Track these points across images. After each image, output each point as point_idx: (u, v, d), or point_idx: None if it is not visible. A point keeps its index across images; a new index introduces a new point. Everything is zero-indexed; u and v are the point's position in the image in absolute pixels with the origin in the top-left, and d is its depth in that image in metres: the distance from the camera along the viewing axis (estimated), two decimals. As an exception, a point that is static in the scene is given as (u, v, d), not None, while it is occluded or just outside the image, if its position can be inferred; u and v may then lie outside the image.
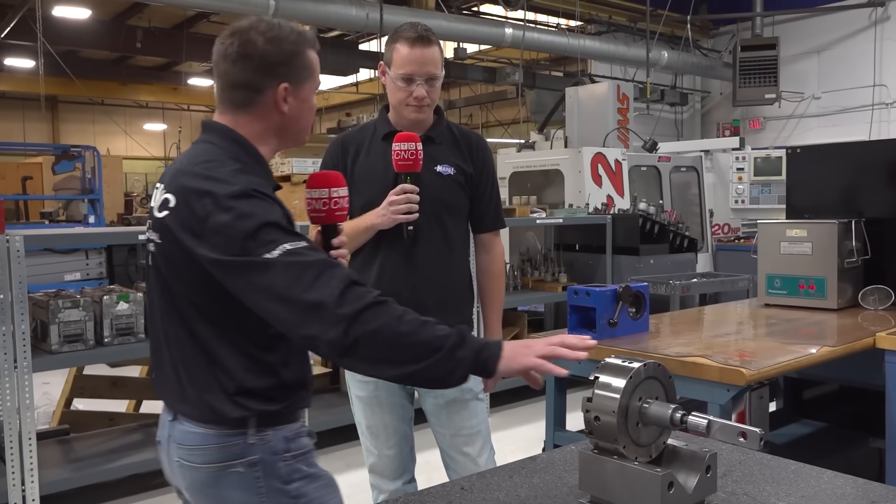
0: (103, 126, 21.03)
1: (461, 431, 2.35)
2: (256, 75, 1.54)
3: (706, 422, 1.20)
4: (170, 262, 1.51)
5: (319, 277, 1.35)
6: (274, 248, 1.36)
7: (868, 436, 3.26)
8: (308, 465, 1.57)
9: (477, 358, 1.37)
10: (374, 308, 1.35)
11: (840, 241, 3.10)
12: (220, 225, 1.39)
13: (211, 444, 1.51)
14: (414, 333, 1.36)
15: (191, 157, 1.56)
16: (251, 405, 1.50)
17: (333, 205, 1.66)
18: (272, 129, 1.58)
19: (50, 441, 4.06)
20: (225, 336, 1.50)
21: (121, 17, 13.84)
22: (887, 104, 10.19)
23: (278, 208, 1.46)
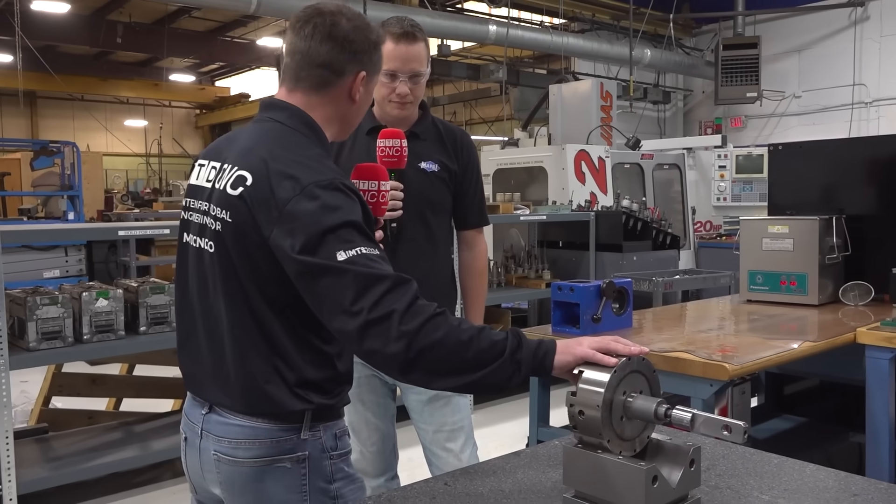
0: (83, 122, 20.80)
1: (444, 427, 2.34)
2: (342, 57, 1.51)
3: (690, 415, 1.19)
4: (238, 242, 1.43)
5: (390, 292, 1.31)
6: (350, 249, 1.32)
7: (848, 430, 3.29)
8: (348, 466, 1.55)
9: (535, 357, 1.33)
10: (435, 319, 1.31)
11: (821, 238, 3.12)
12: (301, 213, 1.34)
13: (262, 437, 1.45)
14: (475, 341, 1.32)
15: (262, 134, 1.50)
16: (312, 397, 1.45)
17: (381, 198, 1.66)
18: (339, 116, 1.56)
19: (28, 440, 4.00)
20: (288, 323, 1.44)
21: (101, 11, 13.69)
22: (866, 103, 10.31)
23: (360, 207, 1.41)
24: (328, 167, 1.43)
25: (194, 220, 1.53)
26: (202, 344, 1.52)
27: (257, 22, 14.65)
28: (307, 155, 1.43)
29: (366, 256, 1.33)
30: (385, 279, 1.32)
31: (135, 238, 7.27)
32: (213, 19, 15.17)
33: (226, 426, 1.48)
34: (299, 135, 1.49)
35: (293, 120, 1.51)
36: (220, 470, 1.49)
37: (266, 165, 1.41)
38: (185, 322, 1.58)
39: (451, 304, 2.45)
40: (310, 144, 1.47)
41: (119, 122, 21.76)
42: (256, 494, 1.47)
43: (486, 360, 1.31)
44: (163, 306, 3.69)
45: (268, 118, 1.53)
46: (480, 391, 1.41)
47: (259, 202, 1.39)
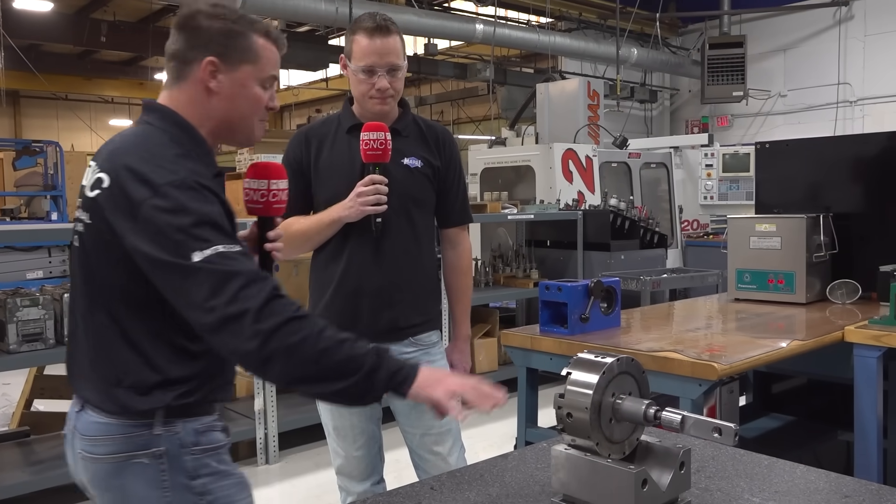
0: (67, 121, 20.62)
1: (431, 430, 2.31)
2: (186, 45, 1.50)
3: (680, 417, 1.17)
4: (98, 244, 1.45)
5: (245, 288, 1.32)
6: (206, 248, 1.33)
7: (836, 429, 3.29)
8: (218, 462, 1.52)
9: (391, 380, 1.36)
10: (294, 322, 1.33)
11: (808, 236, 3.12)
12: (154, 214, 1.35)
13: (114, 433, 1.46)
14: (333, 351, 1.34)
15: (129, 137, 1.51)
16: (163, 396, 1.45)
17: (272, 197, 1.61)
18: (207, 112, 1.53)
19: (9, 443, 3.95)
20: (150, 323, 1.45)
21: (84, 10, 13.57)
22: (851, 102, 10.36)
23: (218, 204, 1.41)
24: (184, 167, 1.41)
25: (76, 222, 1.55)
26: (79, 341, 1.54)
27: (243, 21, 14.55)
28: (164, 156, 1.42)
29: (222, 255, 1.34)
30: (240, 275, 1.33)
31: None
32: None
33: (87, 423, 1.49)
34: (165, 135, 1.48)
35: (164, 121, 1.51)
36: (87, 467, 1.51)
37: (122, 168, 1.41)
38: (70, 322, 1.60)
39: (437, 302, 2.43)
40: (171, 145, 1.46)
41: (104, 122, 21.58)
42: (119, 491, 1.48)
43: (341, 372, 1.34)
44: (146, 307, 3.64)
45: (143, 121, 1.54)
46: (333, 402, 1.46)
47: (114, 204, 1.40)
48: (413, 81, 15.94)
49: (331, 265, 2.28)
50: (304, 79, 16.87)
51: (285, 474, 4.19)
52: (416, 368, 1.39)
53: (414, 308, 2.31)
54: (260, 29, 1.54)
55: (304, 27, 11.64)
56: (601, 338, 2.46)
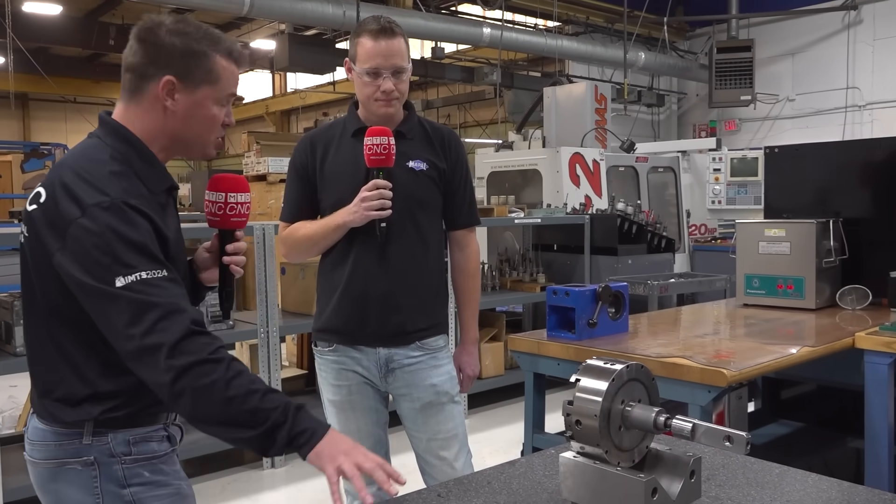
0: (75, 124, 20.68)
1: (437, 435, 2.30)
2: (144, 61, 1.48)
3: (691, 425, 1.16)
4: (34, 258, 1.46)
5: (162, 320, 1.34)
6: (129, 274, 1.35)
7: (846, 435, 3.27)
8: (152, 472, 1.52)
9: (291, 442, 1.37)
10: (206, 365, 1.34)
11: (818, 241, 3.09)
12: (82, 236, 1.36)
13: (48, 440, 1.49)
14: (240, 400, 1.35)
15: (76, 152, 1.51)
16: (90, 409, 1.47)
17: (229, 210, 1.60)
18: (161, 129, 1.51)
19: (15, 446, 3.94)
20: (81, 336, 1.46)
21: (93, 13, 13.64)
22: (860, 106, 10.31)
23: (148, 226, 1.41)
24: (116, 186, 1.40)
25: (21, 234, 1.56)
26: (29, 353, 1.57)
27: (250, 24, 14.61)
28: (98, 173, 1.41)
29: (144, 282, 1.35)
30: (158, 307, 1.35)
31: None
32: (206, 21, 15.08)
33: (31, 429, 1.54)
34: (106, 151, 1.47)
35: (110, 136, 1.50)
36: (31, 471, 1.55)
37: (58, 184, 1.41)
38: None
39: (443, 306, 2.41)
40: (110, 162, 1.45)
41: (112, 125, 21.66)
42: (54, 495, 1.52)
43: (244, 423, 1.35)
44: (153, 310, 3.63)
45: (94, 134, 1.53)
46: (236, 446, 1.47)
47: (47, 220, 1.41)
48: (420, 85, 15.95)
49: (337, 270, 2.27)
50: (311, 82, 16.91)
51: (291, 478, 4.18)
52: (322, 433, 1.39)
53: (420, 312, 2.30)
54: (223, 49, 1.52)
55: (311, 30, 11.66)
56: (609, 343, 2.44)
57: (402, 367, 2.26)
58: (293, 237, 2.31)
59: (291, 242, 2.32)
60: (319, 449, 1.38)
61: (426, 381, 2.27)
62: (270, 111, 20.52)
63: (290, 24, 9.62)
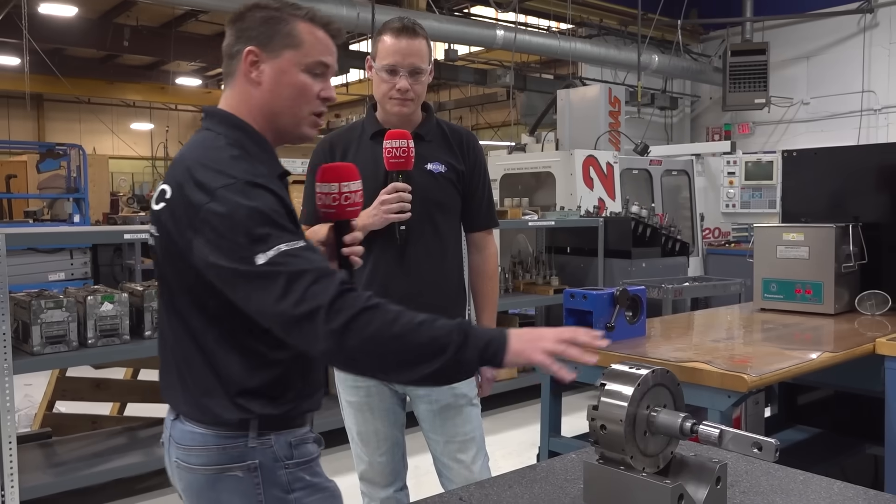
0: (90, 125, 20.86)
1: (455, 438, 2.29)
2: (232, 39, 1.48)
3: (718, 432, 1.15)
4: (167, 257, 1.43)
5: (312, 286, 1.29)
6: (269, 249, 1.30)
7: (864, 442, 3.23)
8: (311, 475, 1.50)
9: (482, 357, 1.31)
10: (364, 314, 1.28)
11: (837, 246, 3.06)
12: (212, 219, 1.32)
13: (209, 444, 1.43)
14: (411, 336, 1.29)
15: (191, 145, 1.49)
16: (253, 407, 1.42)
17: (344, 200, 1.58)
18: (254, 106, 1.49)
19: (31, 444, 3.97)
20: (228, 333, 1.42)
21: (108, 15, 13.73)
22: (875, 110, 10.24)
23: (278, 202, 1.38)
24: (238, 168, 1.38)
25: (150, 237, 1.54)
26: (168, 355, 1.52)
27: (264, 26, 14.65)
28: (219, 159, 1.40)
29: (285, 254, 1.31)
30: (306, 273, 1.30)
31: (140, 241, 7.24)
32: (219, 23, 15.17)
33: (183, 433, 1.48)
34: (221, 138, 1.46)
35: (220, 125, 1.49)
36: (181, 477, 1.49)
37: (182, 176, 1.39)
38: (158, 334, 1.60)
39: (461, 307, 2.41)
40: (227, 148, 1.43)
41: (125, 126, 21.81)
42: (213, 503, 1.46)
43: (425, 356, 1.29)
44: (168, 311, 3.65)
45: (203, 127, 1.52)
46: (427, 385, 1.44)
47: (177, 214, 1.38)
48: (433, 87, 15.94)
49: (356, 272, 2.27)
50: (323, 84, 16.93)
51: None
52: (506, 338, 1.32)
53: (440, 314, 2.28)
54: (303, 14, 1.49)
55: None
56: (626, 347, 2.43)
57: (420, 370, 2.26)
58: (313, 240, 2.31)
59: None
60: (512, 350, 1.31)
61: (444, 384, 2.26)
62: (283, 112, 20.57)
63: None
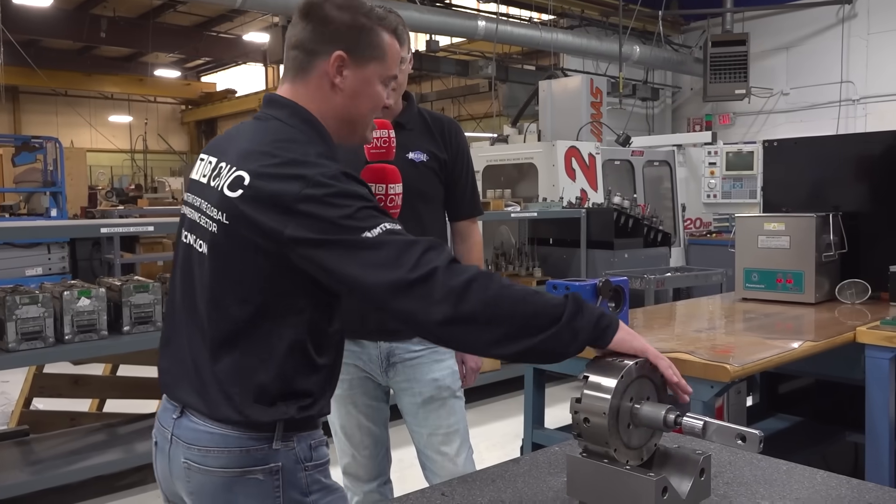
0: (67, 117, 20.59)
1: (438, 430, 2.28)
2: (313, 36, 1.43)
3: (702, 423, 1.14)
4: (236, 246, 1.35)
5: (426, 253, 1.26)
6: (374, 227, 1.27)
7: (844, 429, 3.26)
8: (326, 477, 1.47)
9: (596, 327, 1.23)
10: (481, 279, 1.24)
11: (818, 235, 3.08)
12: (315, 204, 1.28)
13: (231, 446, 1.37)
14: (529, 300, 1.24)
15: (261, 134, 1.42)
16: (288, 409, 1.38)
17: (389, 202, 1.56)
18: (330, 110, 1.46)
19: (8, 442, 3.91)
20: (278, 332, 1.37)
21: (84, 6, 13.54)
22: (854, 100, 10.32)
23: (370, 193, 1.37)
24: (328, 161, 1.36)
25: (188, 215, 1.46)
26: (183, 344, 1.44)
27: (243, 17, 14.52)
28: (307, 152, 1.36)
29: (391, 231, 1.29)
30: (419, 243, 1.27)
31: (119, 235, 7.16)
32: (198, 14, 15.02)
33: (196, 432, 1.40)
34: (299, 133, 1.42)
35: (293, 118, 1.44)
36: (191, 478, 1.41)
37: (266, 165, 1.34)
38: (170, 319, 1.51)
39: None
40: (309, 142, 1.40)
41: (103, 118, 21.54)
42: None
43: (542, 324, 1.22)
44: (147, 305, 3.60)
45: (269, 115, 1.46)
46: (535, 360, 1.32)
47: (263, 203, 1.31)
48: (414, 78, 15.88)
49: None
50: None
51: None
52: (616, 317, 1.27)
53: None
54: (389, 25, 1.48)
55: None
56: (609, 338, 2.42)
57: (403, 362, 2.24)
58: None
59: None
60: (623, 330, 1.25)
61: (428, 376, 2.24)
62: (263, 104, 20.41)
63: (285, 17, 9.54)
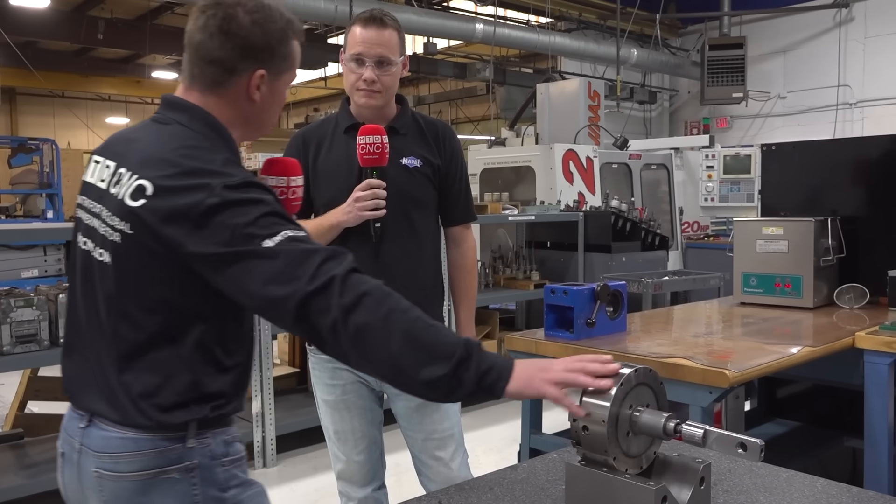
0: (64, 119, 20.53)
1: (433, 435, 2.26)
2: (234, 55, 1.41)
3: (702, 432, 1.13)
4: (139, 255, 1.35)
5: (325, 263, 1.25)
6: (275, 235, 1.27)
7: (842, 434, 3.25)
8: (242, 472, 1.47)
9: (480, 382, 1.24)
10: (376, 294, 1.24)
11: (816, 240, 3.07)
12: (217, 215, 1.27)
13: (144, 449, 1.36)
14: (419, 332, 1.23)
15: (163, 139, 1.41)
16: (198, 409, 1.38)
17: (291, 194, 1.55)
18: (240, 118, 1.46)
19: (2, 446, 3.89)
20: (192, 337, 1.37)
21: (82, 7, 13.49)
22: (851, 104, 10.34)
23: (275, 200, 1.36)
24: (236, 170, 1.35)
25: (85, 220, 1.45)
26: (88, 352, 1.43)
27: (241, 19, 14.48)
28: (212, 160, 1.35)
29: (293, 239, 1.28)
30: (318, 252, 1.27)
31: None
32: (195, 16, 14.95)
33: (106, 440, 1.38)
34: (203, 138, 1.40)
35: (196, 122, 1.42)
36: (104, 487, 1.39)
37: (169, 175, 1.32)
38: (73, 326, 1.49)
39: (438, 304, 2.37)
40: (213, 149, 1.39)
41: (100, 120, 21.48)
42: None
43: (425, 361, 1.22)
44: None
45: (171, 119, 1.44)
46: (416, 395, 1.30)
47: (165, 215, 1.31)
48: (412, 81, 15.89)
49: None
50: (301, 78, 16.82)
51: (283, 478, 4.14)
52: (511, 367, 1.24)
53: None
54: (297, 33, 1.49)
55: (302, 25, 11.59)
56: (607, 343, 2.41)
57: (398, 367, 2.22)
58: None
59: None
60: (515, 382, 1.24)
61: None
62: (261, 106, 20.39)
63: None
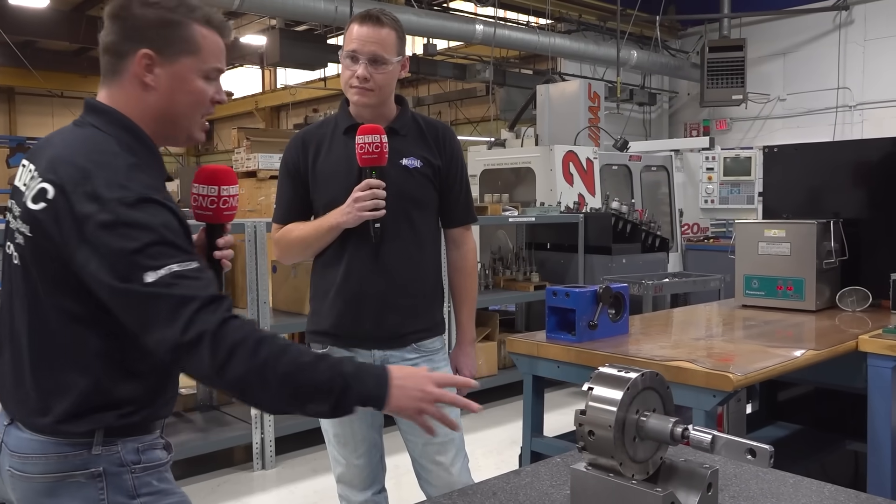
0: (63, 119, 20.41)
1: (433, 440, 2.24)
2: (119, 37, 1.41)
3: (710, 437, 1.11)
4: (40, 260, 1.35)
5: (200, 311, 1.26)
6: (160, 268, 1.27)
7: (844, 438, 3.24)
8: (159, 480, 1.45)
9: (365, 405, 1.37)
10: (249, 344, 1.28)
11: (818, 242, 3.05)
12: (103, 233, 1.27)
13: (49, 452, 1.37)
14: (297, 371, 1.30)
15: (74, 142, 1.40)
16: (105, 417, 1.38)
17: (223, 203, 1.53)
18: (147, 111, 1.43)
19: None
20: (90, 341, 1.37)
21: (81, 7, 13.48)
22: (850, 107, 10.33)
23: (173, 218, 1.34)
24: (137, 180, 1.33)
25: (10, 224, 1.44)
26: (7, 355, 1.44)
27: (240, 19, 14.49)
28: (116, 167, 1.33)
29: (175, 275, 1.28)
30: (195, 299, 1.27)
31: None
32: (195, 16, 14.93)
33: (20, 440, 1.40)
34: (114, 142, 1.38)
35: (111, 125, 1.41)
36: (15, 486, 1.40)
37: (69, 180, 1.31)
38: (3, 326, 1.49)
39: (438, 306, 2.36)
40: (122, 154, 1.36)
41: (99, 120, 21.45)
42: None
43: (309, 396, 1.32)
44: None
45: (87, 122, 1.43)
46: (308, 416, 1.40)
47: (60, 220, 1.30)
48: (411, 82, 15.87)
49: (330, 271, 2.21)
50: (301, 78, 16.80)
51: (282, 480, 4.12)
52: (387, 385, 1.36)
53: (416, 313, 2.25)
54: (200, 17, 1.44)
55: (302, 26, 11.57)
56: (609, 345, 2.39)
57: (398, 370, 2.20)
58: (286, 239, 2.25)
59: (285, 245, 2.26)
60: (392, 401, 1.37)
61: (423, 385, 2.21)
62: (260, 107, 20.39)
63: (282, 20, 9.53)
